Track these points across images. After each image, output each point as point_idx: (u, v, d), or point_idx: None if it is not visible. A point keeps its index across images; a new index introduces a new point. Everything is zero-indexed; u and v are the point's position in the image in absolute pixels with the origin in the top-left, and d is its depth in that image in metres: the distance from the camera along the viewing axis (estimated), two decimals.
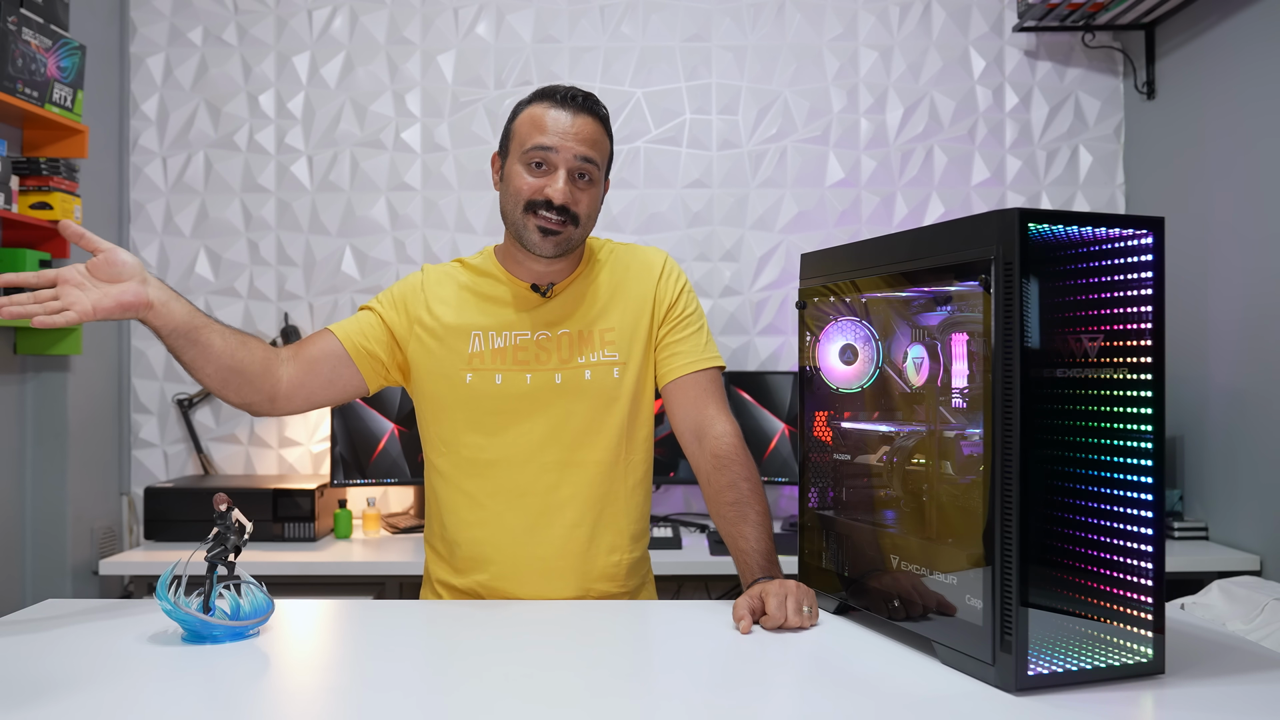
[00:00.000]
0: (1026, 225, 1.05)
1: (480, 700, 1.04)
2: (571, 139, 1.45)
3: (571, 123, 1.46)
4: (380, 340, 1.53)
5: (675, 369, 1.53)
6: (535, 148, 1.45)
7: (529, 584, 1.49)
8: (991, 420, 1.07)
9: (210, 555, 1.23)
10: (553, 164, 1.45)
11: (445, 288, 1.55)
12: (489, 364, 1.49)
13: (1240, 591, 2.08)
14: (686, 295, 1.58)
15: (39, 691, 1.04)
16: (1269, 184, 2.40)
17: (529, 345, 1.50)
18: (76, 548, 2.70)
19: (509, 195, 1.49)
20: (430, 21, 3.02)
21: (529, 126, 1.47)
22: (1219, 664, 1.16)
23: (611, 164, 1.56)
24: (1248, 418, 2.46)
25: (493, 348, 1.49)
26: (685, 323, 1.56)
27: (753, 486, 1.46)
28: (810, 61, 3.04)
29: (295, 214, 3.01)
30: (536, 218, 1.46)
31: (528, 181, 1.46)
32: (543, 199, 1.45)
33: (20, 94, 2.35)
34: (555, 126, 1.46)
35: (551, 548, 1.49)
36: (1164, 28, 2.84)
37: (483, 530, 1.49)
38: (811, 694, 1.09)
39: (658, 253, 1.60)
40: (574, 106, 1.47)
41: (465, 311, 1.52)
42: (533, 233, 1.46)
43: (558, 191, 1.44)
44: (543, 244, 1.46)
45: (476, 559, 1.50)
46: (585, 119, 1.47)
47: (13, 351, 2.57)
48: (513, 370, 1.49)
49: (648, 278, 1.56)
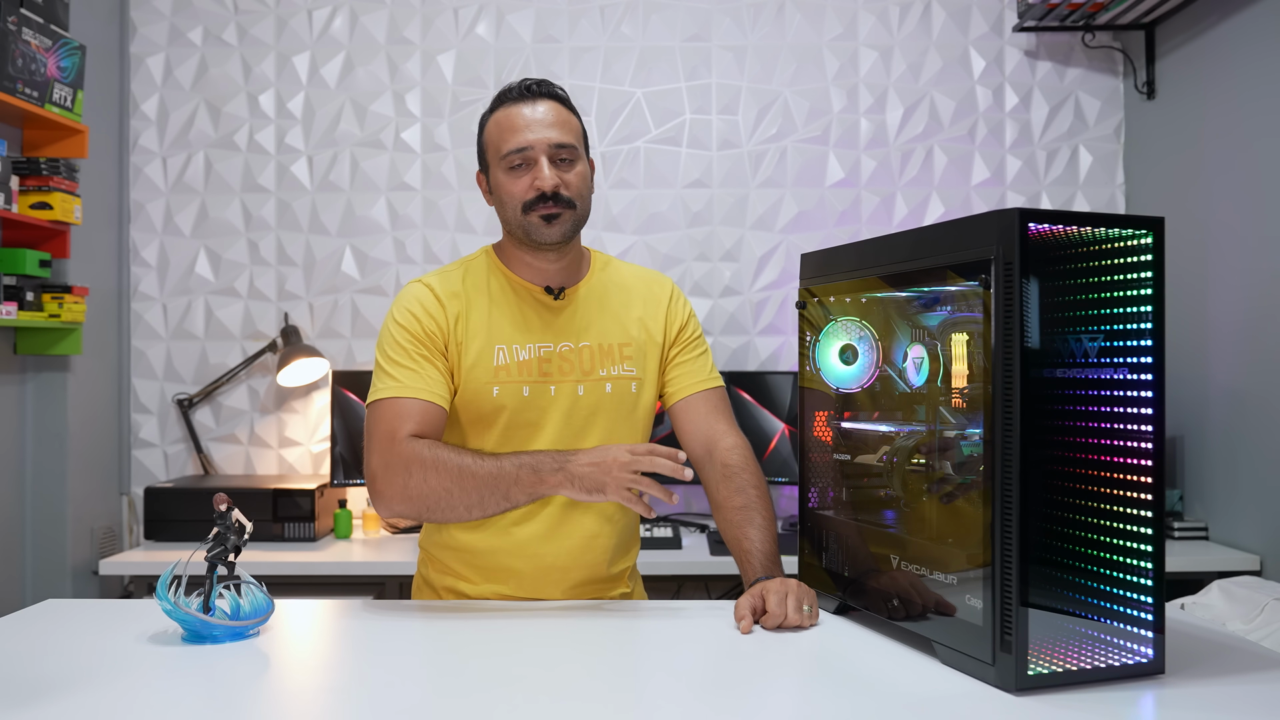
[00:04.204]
0: (1026, 225, 1.05)
1: (480, 700, 1.04)
2: (539, 128, 1.46)
3: (534, 113, 1.47)
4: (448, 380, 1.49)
5: (686, 387, 1.58)
6: (511, 151, 1.46)
7: (544, 593, 1.50)
8: (991, 420, 1.07)
9: (210, 555, 1.23)
10: (531, 159, 1.46)
11: (459, 301, 1.51)
12: (515, 376, 1.48)
13: (1240, 591, 2.08)
14: (693, 321, 1.63)
15: (39, 691, 1.05)
16: (1269, 184, 2.40)
17: (553, 357, 1.50)
18: (76, 548, 2.70)
19: (504, 204, 1.50)
20: (430, 21, 3.02)
21: (498, 133, 1.48)
22: (1219, 664, 1.16)
23: (587, 140, 1.57)
24: (1248, 418, 2.46)
25: (518, 360, 1.49)
26: (694, 345, 1.61)
27: (760, 493, 1.48)
28: (810, 61, 3.04)
29: (295, 214, 3.01)
30: (536, 212, 1.46)
31: (516, 185, 1.47)
32: (535, 194, 1.46)
33: (20, 94, 2.35)
34: (521, 123, 1.46)
35: (570, 558, 1.50)
36: (1164, 28, 2.84)
37: (504, 540, 1.49)
38: (811, 694, 1.09)
39: (665, 278, 1.65)
40: (531, 97, 1.48)
41: (486, 323, 1.50)
42: (538, 227, 1.47)
43: (545, 180, 1.45)
44: (550, 231, 1.47)
45: (494, 569, 1.50)
46: (545, 105, 1.48)
47: (13, 351, 2.57)
48: (539, 382, 1.49)
49: (659, 301, 1.60)
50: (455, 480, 1.36)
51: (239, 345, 3.01)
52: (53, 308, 2.51)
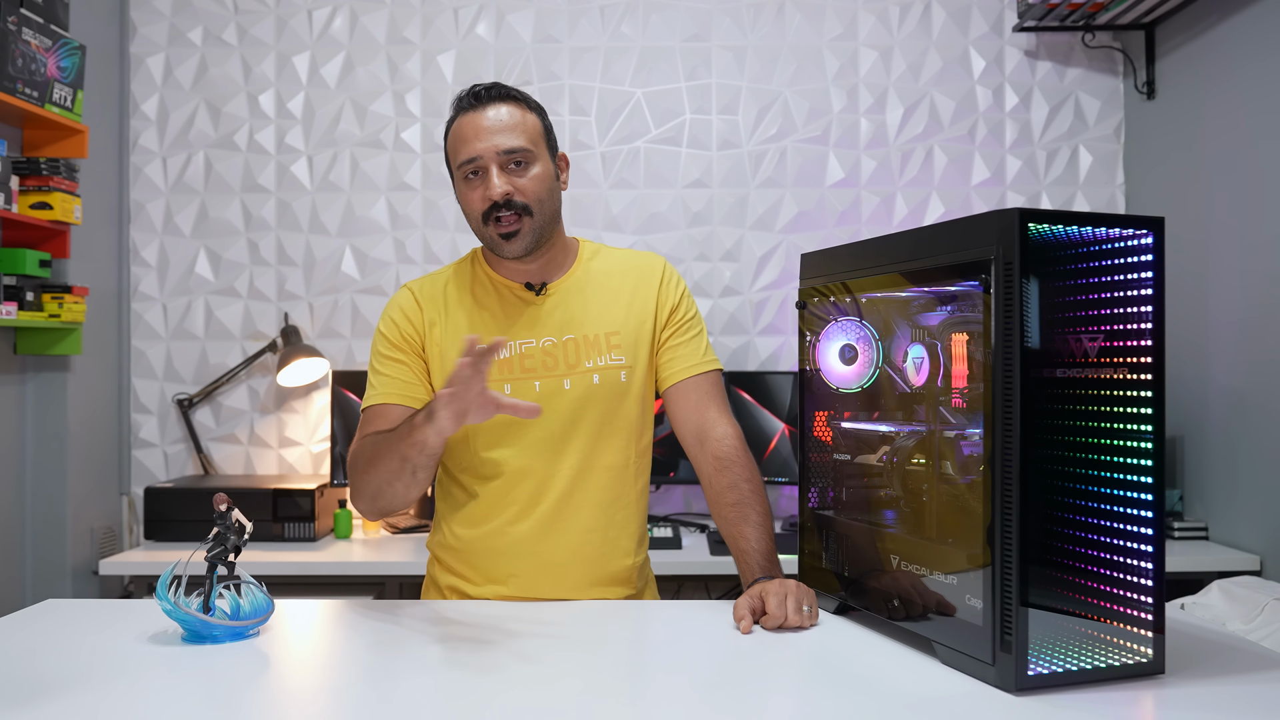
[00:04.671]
0: (1026, 225, 1.05)
1: (480, 700, 1.04)
2: (487, 136, 1.44)
3: (484, 120, 1.45)
4: (424, 382, 1.51)
5: (677, 372, 1.54)
6: (464, 162, 1.45)
7: (545, 591, 1.49)
8: (991, 420, 1.07)
9: (210, 555, 1.23)
10: (483, 168, 1.45)
11: (438, 306, 1.52)
12: (498, 374, 1.48)
13: (1240, 591, 2.08)
14: (687, 300, 1.58)
15: (39, 691, 1.05)
16: (1269, 184, 2.40)
17: (535, 353, 1.50)
18: (76, 548, 2.70)
19: (467, 215, 1.50)
20: (430, 21, 3.02)
21: (453, 144, 1.48)
22: (1219, 664, 1.16)
23: (552, 137, 1.53)
24: (1248, 418, 2.46)
25: (500, 358, 1.48)
26: (686, 326, 1.56)
27: (754, 487, 1.46)
28: (810, 61, 3.04)
29: (295, 214, 3.01)
30: (496, 225, 1.45)
31: (472, 196, 1.46)
32: (487, 204, 1.44)
33: (20, 94, 2.35)
34: (470, 132, 1.45)
35: (566, 554, 1.49)
36: (1164, 28, 2.84)
37: (501, 540, 1.49)
38: (811, 694, 1.09)
39: (656, 258, 1.60)
40: (481, 103, 1.46)
41: (468, 324, 1.51)
42: (497, 242, 1.47)
43: (494, 189, 1.43)
44: (510, 247, 1.46)
45: (493, 569, 1.50)
46: (496, 108, 1.45)
47: (13, 351, 2.57)
48: (522, 379, 1.48)
49: (649, 282, 1.56)
50: (371, 462, 1.39)
51: (239, 345, 3.01)
52: (53, 308, 2.51)
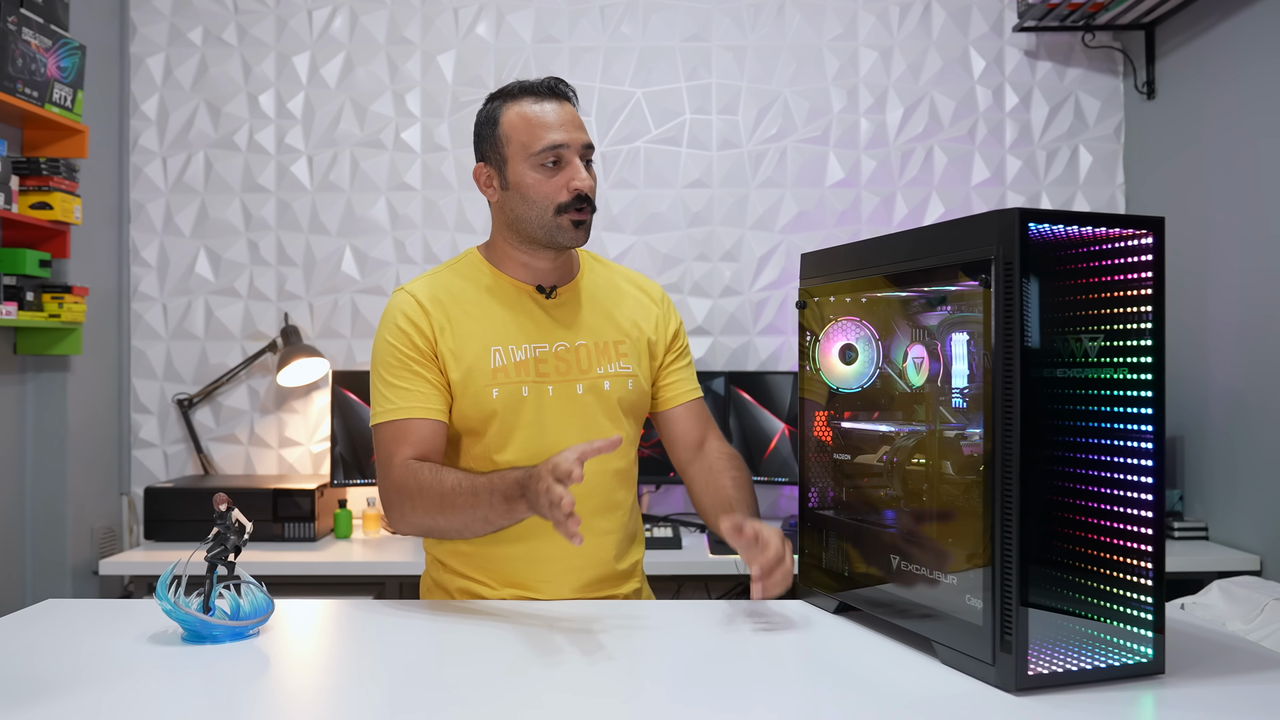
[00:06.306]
0: (1026, 225, 1.05)
1: (480, 700, 1.04)
2: (573, 128, 1.46)
3: (564, 112, 1.46)
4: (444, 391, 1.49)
5: (680, 395, 1.62)
6: (548, 148, 1.44)
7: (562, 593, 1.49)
8: (991, 420, 1.07)
9: (210, 555, 1.23)
10: (565, 158, 1.45)
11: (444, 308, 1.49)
12: (513, 377, 1.47)
13: (1240, 591, 2.08)
14: (683, 329, 1.67)
15: (39, 691, 1.05)
16: (1269, 184, 2.40)
17: (549, 357, 1.50)
18: (76, 548, 2.70)
19: (529, 202, 1.46)
20: (430, 21, 3.02)
21: (526, 128, 1.45)
22: (1219, 664, 1.16)
23: None
24: (1248, 418, 2.46)
25: (514, 360, 1.48)
26: (684, 353, 1.65)
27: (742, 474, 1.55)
28: (810, 61, 3.04)
29: (295, 214, 3.01)
30: (568, 215, 1.45)
31: (550, 183, 1.45)
32: (571, 195, 1.44)
33: (20, 94, 2.35)
34: (555, 120, 1.45)
35: (583, 557, 1.49)
36: (1164, 28, 2.84)
37: (519, 545, 1.48)
38: (811, 694, 1.09)
39: (656, 284, 1.67)
40: (558, 96, 1.48)
41: (480, 325, 1.49)
42: (567, 230, 1.46)
43: (585, 182, 1.45)
44: (577, 235, 1.47)
45: (508, 573, 1.49)
46: (568, 105, 1.48)
47: (13, 351, 2.57)
48: (537, 382, 1.48)
49: (652, 303, 1.62)
50: (439, 510, 1.38)
51: (239, 345, 3.01)
52: (53, 308, 2.51)
